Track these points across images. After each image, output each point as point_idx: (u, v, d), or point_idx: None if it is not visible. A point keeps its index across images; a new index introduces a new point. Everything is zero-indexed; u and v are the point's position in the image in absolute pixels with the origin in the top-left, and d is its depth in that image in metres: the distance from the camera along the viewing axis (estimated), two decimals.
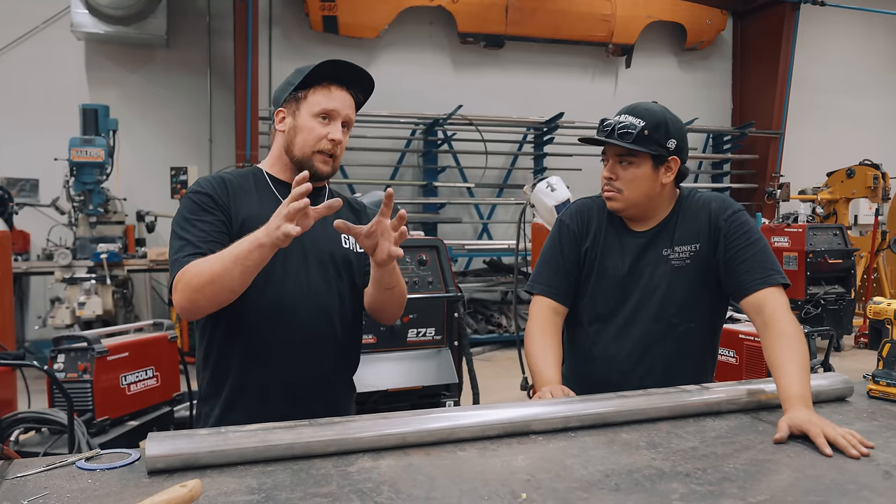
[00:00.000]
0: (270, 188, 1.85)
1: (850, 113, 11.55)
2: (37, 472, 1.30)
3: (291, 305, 1.77)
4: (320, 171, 1.82)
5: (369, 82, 1.88)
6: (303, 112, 1.81)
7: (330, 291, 1.84)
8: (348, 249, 1.90)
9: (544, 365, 1.94)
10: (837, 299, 7.42)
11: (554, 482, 1.30)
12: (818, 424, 1.51)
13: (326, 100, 1.80)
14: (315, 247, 1.83)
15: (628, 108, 1.97)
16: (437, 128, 9.19)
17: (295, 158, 1.83)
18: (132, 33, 7.98)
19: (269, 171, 1.88)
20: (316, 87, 1.81)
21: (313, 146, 1.81)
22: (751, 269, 1.91)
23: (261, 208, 1.77)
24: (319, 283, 1.82)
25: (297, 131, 1.81)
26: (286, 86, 1.86)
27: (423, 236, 3.85)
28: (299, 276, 1.79)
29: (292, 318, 1.77)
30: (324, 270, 1.84)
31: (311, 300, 1.79)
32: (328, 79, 1.82)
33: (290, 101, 1.83)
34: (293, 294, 1.77)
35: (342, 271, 1.88)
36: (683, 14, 10.44)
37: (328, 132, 1.81)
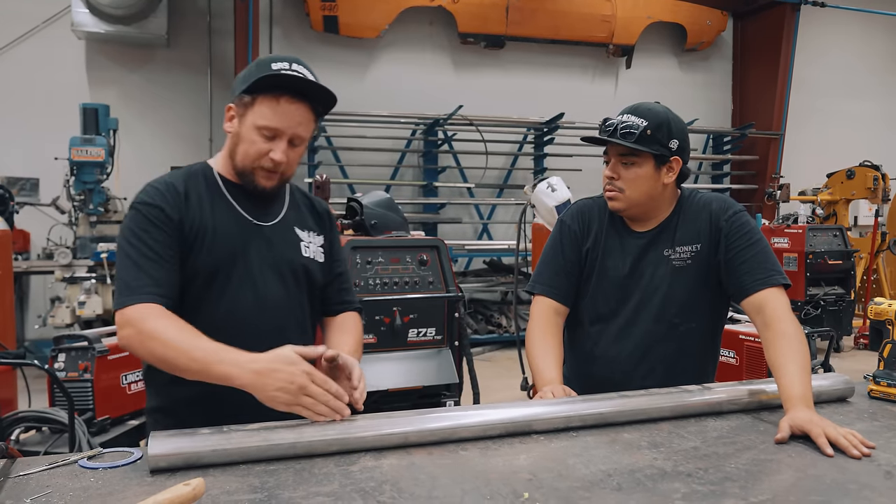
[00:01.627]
0: (222, 191, 1.70)
1: (850, 114, 11.56)
2: (39, 470, 1.30)
3: (245, 318, 1.65)
4: (261, 186, 1.66)
5: (331, 98, 1.66)
6: (247, 121, 1.62)
7: (289, 302, 1.72)
8: (308, 259, 1.77)
9: (545, 365, 1.94)
10: (837, 300, 7.42)
11: (556, 482, 1.30)
12: (819, 424, 1.51)
13: (272, 115, 1.59)
14: (272, 254, 1.70)
15: (631, 107, 1.97)
16: (437, 128, 9.19)
17: (237, 168, 1.67)
18: (133, 33, 7.98)
19: (221, 171, 1.72)
20: (265, 96, 1.59)
21: (253, 162, 1.64)
22: (751, 269, 1.91)
23: (213, 214, 1.65)
24: (277, 293, 1.70)
25: (239, 139, 1.64)
26: (240, 82, 1.64)
27: (424, 236, 3.85)
28: (256, 285, 1.66)
29: (248, 331, 1.63)
30: (282, 280, 1.71)
31: (268, 312, 1.67)
32: (281, 88, 1.59)
33: (239, 102, 1.64)
34: (248, 306, 1.65)
35: (301, 281, 1.75)
36: (684, 15, 10.44)
37: (270, 150, 1.61)
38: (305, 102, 1.62)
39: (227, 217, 1.67)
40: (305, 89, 1.61)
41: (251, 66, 1.65)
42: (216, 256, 1.63)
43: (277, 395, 1.39)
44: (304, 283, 1.76)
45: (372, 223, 3.40)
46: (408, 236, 3.51)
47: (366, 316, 3.16)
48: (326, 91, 1.63)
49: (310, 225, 1.82)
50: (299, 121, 1.62)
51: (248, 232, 1.68)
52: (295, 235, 1.77)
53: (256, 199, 1.71)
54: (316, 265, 1.79)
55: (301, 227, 1.79)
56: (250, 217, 1.70)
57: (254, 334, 1.62)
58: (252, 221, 1.70)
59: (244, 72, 1.66)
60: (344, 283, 1.91)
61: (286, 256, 1.73)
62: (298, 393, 1.39)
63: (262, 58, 1.66)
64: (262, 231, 1.71)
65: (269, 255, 1.70)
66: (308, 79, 1.60)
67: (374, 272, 3.23)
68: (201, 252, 1.62)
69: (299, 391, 1.39)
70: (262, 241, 1.69)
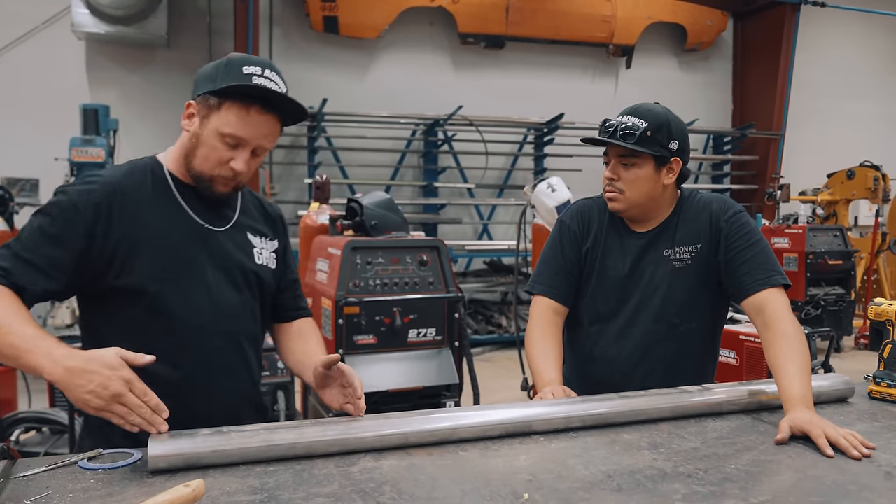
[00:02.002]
0: (172, 192, 1.60)
1: (850, 114, 11.56)
2: (39, 471, 1.30)
3: (202, 325, 1.57)
4: (218, 192, 1.58)
5: (301, 113, 1.58)
6: (211, 125, 1.53)
7: (244, 309, 1.66)
8: (261, 266, 1.70)
9: (545, 365, 1.94)
10: (837, 300, 7.42)
11: (556, 482, 1.30)
12: (819, 425, 1.51)
13: (239, 124, 1.51)
14: (226, 260, 1.63)
15: (631, 108, 1.97)
16: (437, 128, 9.20)
17: (192, 171, 1.58)
18: (133, 33, 7.98)
19: (172, 170, 1.62)
20: (234, 103, 1.51)
21: (212, 168, 1.55)
22: (751, 269, 1.91)
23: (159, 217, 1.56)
24: (232, 299, 1.62)
25: (199, 143, 1.55)
26: (206, 79, 1.56)
27: (424, 237, 3.85)
28: (211, 291, 1.59)
29: (204, 338, 1.57)
30: (235, 286, 1.64)
31: (224, 319, 1.60)
32: (251, 97, 1.51)
33: (203, 103, 1.54)
34: (205, 312, 1.57)
35: (254, 288, 1.68)
36: (684, 15, 10.44)
37: (231, 159, 1.54)
38: (275, 114, 1.55)
39: (176, 220, 1.58)
40: (277, 101, 1.54)
41: (220, 64, 1.56)
42: (163, 261, 1.54)
43: (88, 398, 1.29)
44: (256, 290, 1.69)
45: (372, 224, 3.40)
46: (408, 237, 3.51)
47: (366, 316, 3.18)
48: (297, 106, 1.56)
49: (262, 230, 1.75)
50: (266, 133, 1.55)
51: (200, 237, 1.60)
52: (248, 241, 1.70)
53: (208, 203, 1.63)
54: (269, 272, 1.72)
55: (254, 232, 1.72)
56: (202, 221, 1.61)
57: (210, 342, 1.58)
58: (204, 226, 1.61)
59: (210, 69, 1.57)
60: (297, 289, 1.87)
61: (239, 263, 1.65)
62: (112, 401, 1.29)
63: (234, 58, 1.56)
64: (215, 236, 1.63)
65: (221, 261, 1.62)
66: (281, 93, 1.53)
67: (374, 273, 3.23)
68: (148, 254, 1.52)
69: (113, 399, 1.29)
70: (214, 247, 1.61)
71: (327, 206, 4.49)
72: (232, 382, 1.65)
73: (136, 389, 1.30)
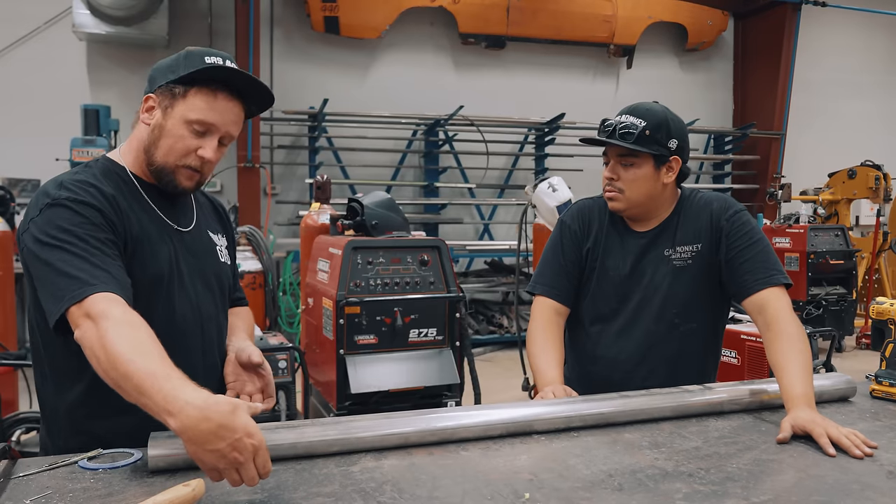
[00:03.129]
0: (142, 196, 1.54)
1: (851, 114, 11.55)
2: (40, 471, 1.30)
3: (186, 333, 1.53)
4: (181, 185, 1.52)
5: (268, 98, 1.56)
6: (176, 113, 1.48)
7: (217, 312, 1.63)
8: (224, 263, 1.69)
9: (546, 365, 1.94)
10: (839, 300, 7.41)
11: (557, 482, 1.30)
12: (821, 424, 1.51)
13: (207, 109, 1.47)
14: (199, 263, 1.60)
15: (629, 108, 1.97)
16: (438, 128, 9.19)
17: (154, 165, 1.51)
18: (133, 34, 7.98)
19: (133, 170, 1.55)
20: (200, 89, 1.47)
21: (178, 159, 1.49)
22: (753, 269, 1.91)
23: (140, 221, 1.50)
24: (209, 303, 1.59)
25: (162, 133, 1.49)
26: (166, 70, 1.50)
27: (425, 237, 3.85)
28: (190, 298, 1.55)
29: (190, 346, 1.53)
30: (210, 290, 1.61)
31: (205, 325, 1.58)
32: (218, 82, 1.48)
33: (166, 93, 1.49)
34: (189, 321, 1.53)
35: (224, 288, 1.67)
36: (685, 15, 10.44)
37: (199, 147, 1.49)
38: (241, 101, 1.53)
39: (151, 222, 1.53)
40: (243, 87, 1.51)
41: (179, 56, 1.52)
42: (155, 268, 1.49)
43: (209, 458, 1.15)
44: (224, 290, 1.68)
45: (373, 224, 3.40)
46: (409, 237, 3.51)
47: (367, 316, 3.18)
48: (265, 91, 1.54)
49: (216, 227, 1.74)
50: (234, 119, 1.52)
51: (174, 238, 1.56)
52: (210, 241, 1.68)
53: (172, 203, 1.59)
54: (228, 268, 1.72)
55: (212, 231, 1.70)
56: (170, 222, 1.57)
57: (195, 350, 1.55)
58: (174, 227, 1.57)
59: (170, 61, 1.52)
60: (236, 279, 1.86)
61: (210, 265, 1.63)
62: (232, 465, 1.15)
63: (193, 50, 1.52)
64: (184, 238, 1.59)
65: (195, 263, 1.59)
66: (251, 76, 1.51)
67: (374, 273, 3.23)
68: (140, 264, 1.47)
69: (233, 464, 1.15)
70: (186, 248, 1.58)
71: (328, 206, 4.49)
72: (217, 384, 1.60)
73: (258, 459, 1.17)
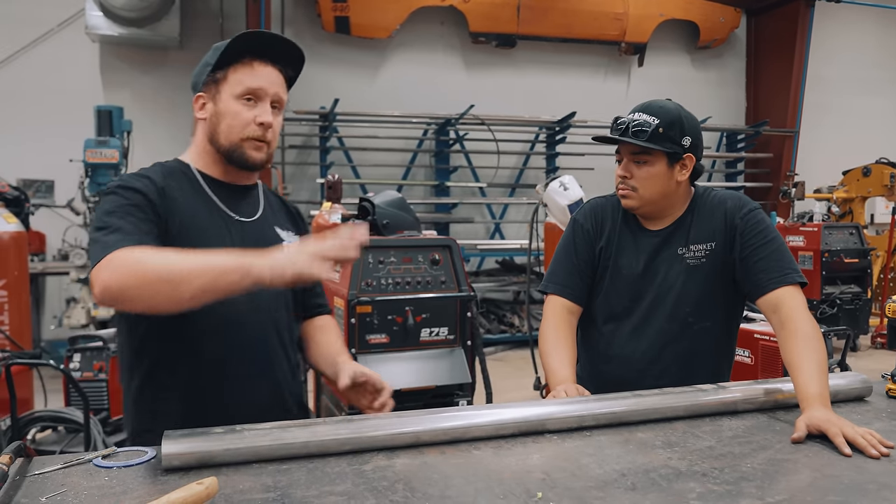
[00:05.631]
0: (202, 188, 1.63)
1: (865, 111, 11.45)
2: (54, 469, 1.31)
3: (241, 319, 1.59)
4: (252, 159, 1.61)
5: (298, 55, 1.64)
6: (224, 95, 1.58)
7: (276, 301, 1.68)
8: None
9: (559, 364, 1.93)
10: (853, 299, 7.35)
11: (569, 481, 1.29)
12: (837, 424, 1.49)
13: (250, 77, 1.57)
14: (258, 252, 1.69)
15: (642, 105, 1.96)
16: (449, 128, 9.19)
17: (222, 148, 1.61)
18: (146, 35, 8.04)
19: (198, 167, 1.66)
20: (236, 66, 1.58)
21: (240, 133, 1.58)
22: (767, 267, 1.89)
23: (197, 211, 1.59)
24: (268, 294, 1.62)
25: (219, 118, 1.59)
26: (203, 67, 1.63)
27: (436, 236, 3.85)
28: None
29: (244, 332, 1.60)
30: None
31: (261, 312, 1.63)
32: (249, 54, 1.58)
33: (210, 84, 1.61)
34: (243, 306, 1.56)
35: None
36: (696, 12, 10.38)
37: (256, 115, 1.58)
38: (276, 66, 1.61)
39: (212, 214, 1.62)
40: (273, 54, 1.60)
41: (207, 54, 1.64)
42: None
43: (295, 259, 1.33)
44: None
45: (384, 223, 3.40)
46: (420, 236, 3.51)
47: (378, 315, 3.18)
48: (293, 49, 1.62)
49: (286, 224, 1.80)
50: (276, 80, 1.61)
51: (234, 229, 1.64)
52: (275, 233, 1.74)
53: (236, 196, 1.68)
54: None
55: (280, 226, 1.77)
56: (233, 213, 1.65)
57: (249, 335, 1.61)
58: (235, 218, 1.65)
59: (202, 61, 1.65)
60: (319, 286, 1.91)
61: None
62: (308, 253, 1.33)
63: (218, 43, 1.63)
64: (245, 228, 1.67)
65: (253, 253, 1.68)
66: (272, 34, 1.60)
67: (386, 272, 3.23)
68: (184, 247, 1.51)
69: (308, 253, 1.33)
70: (246, 239, 1.64)
71: (339, 205, 4.50)
72: (268, 372, 1.67)
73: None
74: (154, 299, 1.35)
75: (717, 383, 1.80)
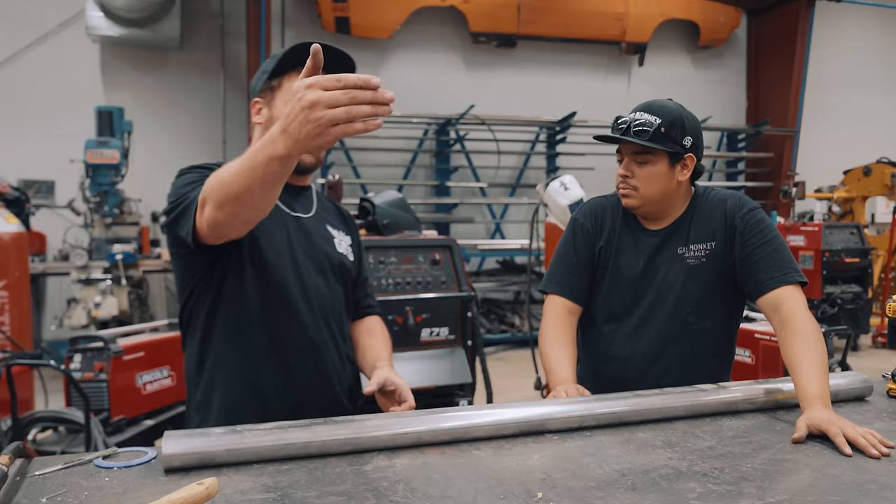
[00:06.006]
0: None
1: (866, 110, 11.45)
2: (55, 469, 1.31)
3: (296, 310, 1.67)
4: (303, 161, 1.68)
5: (350, 65, 1.68)
6: (278, 101, 1.67)
7: (329, 295, 1.76)
8: (343, 255, 1.82)
9: (559, 364, 1.93)
10: (854, 298, 7.35)
11: (570, 481, 1.29)
12: (837, 424, 1.49)
13: None
14: (312, 247, 1.74)
15: (644, 105, 1.96)
16: (449, 128, 9.20)
17: None
18: (146, 36, 8.05)
19: None
20: (291, 73, 1.66)
21: None
22: (767, 266, 1.89)
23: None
24: (319, 284, 1.72)
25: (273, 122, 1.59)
26: (261, 74, 1.73)
27: (436, 236, 3.85)
28: (302, 277, 1.69)
29: (298, 322, 1.67)
30: (322, 272, 1.75)
31: (313, 304, 1.71)
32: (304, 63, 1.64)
33: (266, 91, 1.70)
34: (296, 297, 1.67)
35: (339, 275, 1.80)
36: (697, 12, 10.38)
37: None
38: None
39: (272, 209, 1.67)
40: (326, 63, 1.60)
41: (267, 60, 1.72)
42: (264, 246, 1.64)
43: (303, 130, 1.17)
44: (340, 277, 1.80)
45: (384, 223, 3.40)
46: (420, 236, 3.51)
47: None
48: (346, 60, 1.66)
49: (338, 224, 1.88)
50: None
51: (290, 224, 1.72)
52: (328, 231, 1.82)
53: (292, 194, 1.75)
54: (346, 260, 1.84)
55: (332, 225, 1.85)
56: (288, 210, 1.73)
57: (303, 325, 1.68)
58: (290, 213, 1.73)
59: (259, 71, 1.74)
60: (368, 287, 1.99)
61: (324, 250, 1.77)
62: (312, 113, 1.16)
63: (273, 53, 1.72)
64: (301, 223, 1.74)
65: (309, 247, 1.73)
66: (330, 46, 1.62)
67: (386, 272, 3.23)
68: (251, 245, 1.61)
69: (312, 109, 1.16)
70: (301, 234, 1.73)
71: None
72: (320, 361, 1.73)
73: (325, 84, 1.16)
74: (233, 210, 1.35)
75: (717, 383, 1.80)
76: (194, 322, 1.69)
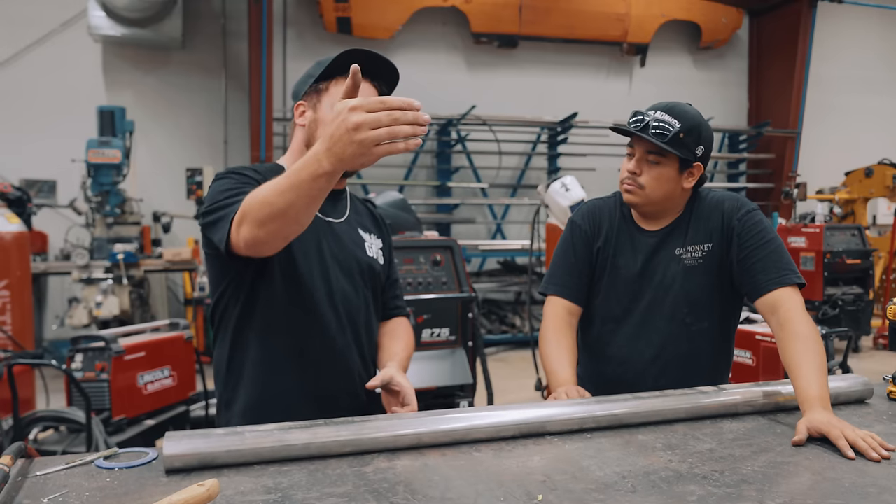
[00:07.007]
0: None
1: (867, 111, 11.44)
2: (56, 470, 1.31)
3: (322, 313, 1.69)
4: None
5: (394, 74, 1.75)
6: (324, 105, 1.70)
7: (357, 298, 1.78)
8: (373, 259, 1.84)
9: (559, 365, 1.93)
10: (855, 300, 7.34)
11: (570, 483, 1.29)
12: (838, 426, 1.49)
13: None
14: (342, 251, 1.76)
15: (666, 106, 1.94)
16: (450, 128, 9.20)
17: None
18: (148, 35, 8.06)
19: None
20: (338, 79, 1.70)
21: None
22: (765, 268, 1.89)
23: None
24: (346, 288, 1.75)
25: (318, 125, 1.70)
26: (306, 78, 1.77)
27: (437, 237, 3.85)
28: (329, 280, 1.71)
29: (324, 325, 1.70)
30: (350, 277, 1.77)
31: (339, 307, 1.73)
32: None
33: (311, 94, 1.73)
34: (322, 300, 1.69)
35: (367, 279, 1.82)
36: (699, 13, 10.38)
37: None
38: (375, 83, 1.72)
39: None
40: (374, 71, 1.69)
41: (312, 65, 1.76)
42: (295, 251, 1.65)
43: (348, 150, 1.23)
44: (368, 281, 1.82)
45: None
46: (421, 237, 3.51)
47: None
48: (391, 69, 1.71)
49: (370, 228, 1.89)
50: (371, 95, 1.69)
51: (321, 228, 1.73)
52: (359, 235, 1.83)
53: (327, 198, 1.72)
54: (378, 265, 1.85)
55: (363, 228, 1.86)
56: (320, 214, 1.74)
57: (328, 329, 1.70)
58: (322, 218, 1.74)
59: (305, 73, 1.77)
60: (398, 289, 2.00)
61: (354, 254, 1.78)
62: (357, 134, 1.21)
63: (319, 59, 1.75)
64: (332, 227, 1.76)
65: (338, 251, 1.75)
66: (375, 53, 1.67)
67: None
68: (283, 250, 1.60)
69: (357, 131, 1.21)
70: (332, 238, 1.74)
71: None
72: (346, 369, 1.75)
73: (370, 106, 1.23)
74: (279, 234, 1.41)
75: (716, 385, 1.80)
76: (225, 321, 1.72)
